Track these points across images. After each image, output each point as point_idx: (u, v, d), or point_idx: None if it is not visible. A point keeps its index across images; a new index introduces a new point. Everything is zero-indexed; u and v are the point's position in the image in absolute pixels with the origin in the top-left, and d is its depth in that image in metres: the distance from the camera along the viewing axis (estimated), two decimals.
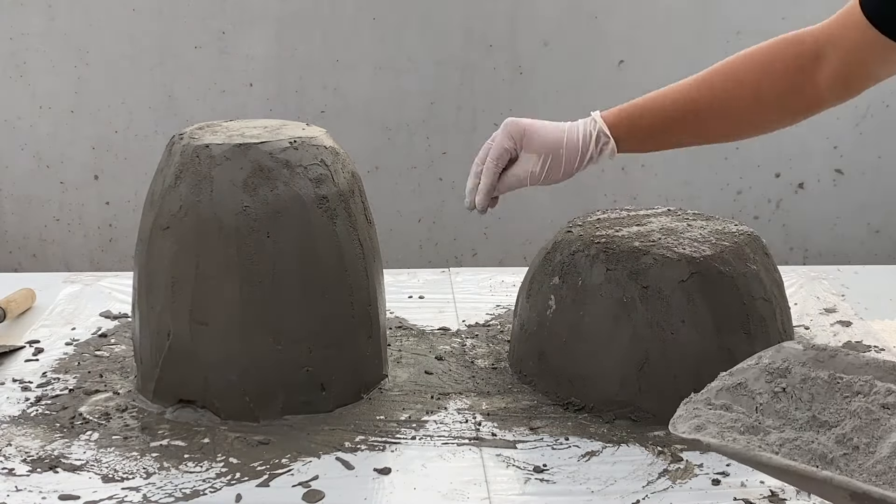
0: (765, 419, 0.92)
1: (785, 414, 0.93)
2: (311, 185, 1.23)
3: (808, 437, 0.89)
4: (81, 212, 2.91)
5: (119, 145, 2.86)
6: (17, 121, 2.84)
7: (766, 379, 0.94)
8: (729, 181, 3.00)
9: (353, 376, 1.29)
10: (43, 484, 1.10)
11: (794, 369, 0.95)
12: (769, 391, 0.94)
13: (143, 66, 2.80)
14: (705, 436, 0.89)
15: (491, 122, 2.86)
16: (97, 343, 1.46)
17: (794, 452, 0.87)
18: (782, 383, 0.94)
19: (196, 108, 2.81)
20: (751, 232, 1.34)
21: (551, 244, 1.36)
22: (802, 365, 0.95)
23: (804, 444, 0.89)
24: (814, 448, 0.88)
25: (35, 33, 2.77)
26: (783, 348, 0.98)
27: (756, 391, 0.94)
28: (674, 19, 2.85)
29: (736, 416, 0.92)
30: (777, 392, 0.94)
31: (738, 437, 0.90)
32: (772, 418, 0.92)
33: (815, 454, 0.87)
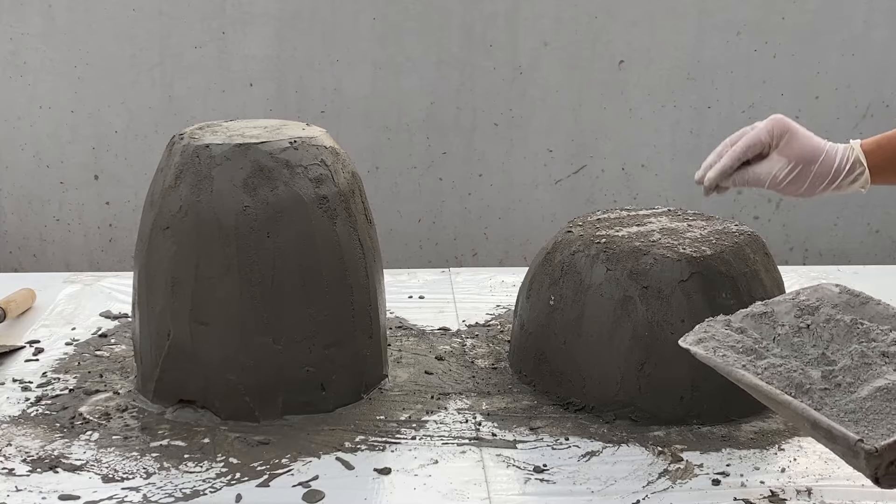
0: (774, 347, 0.95)
1: (799, 347, 0.96)
2: (311, 185, 1.23)
3: (794, 367, 0.92)
4: (81, 212, 2.91)
5: (119, 145, 2.86)
6: (17, 121, 2.84)
7: (796, 314, 0.98)
8: None
9: (353, 376, 1.29)
10: (43, 484, 1.10)
11: (822, 309, 0.98)
12: (794, 325, 0.97)
13: (143, 66, 2.80)
14: (700, 348, 0.95)
15: (491, 122, 2.87)
16: (97, 343, 1.46)
17: (773, 377, 0.90)
18: (808, 320, 0.98)
19: (196, 108, 2.81)
20: (751, 232, 1.34)
21: (551, 244, 1.36)
22: (833, 307, 0.98)
23: (786, 372, 0.92)
24: (794, 377, 0.90)
25: (35, 33, 2.77)
26: (821, 288, 1.02)
27: (780, 322, 0.98)
28: (674, 19, 2.85)
29: (743, 338, 0.95)
30: (801, 327, 0.97)
31: (729, 354, 0.93)
32: (783, 348, 0.95)
33: (792, 382, 0.90)
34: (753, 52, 2.88)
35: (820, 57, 2.89)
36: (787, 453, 1.17)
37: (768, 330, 0.99)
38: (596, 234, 1.31)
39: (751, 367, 0.93)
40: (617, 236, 1.30)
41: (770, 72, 2.90)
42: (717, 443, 1.19)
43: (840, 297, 1.01)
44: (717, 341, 0.96)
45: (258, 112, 2.80)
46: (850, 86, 2.93)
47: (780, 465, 1.14)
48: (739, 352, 0.95)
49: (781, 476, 1.12)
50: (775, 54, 2.87)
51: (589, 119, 2.88)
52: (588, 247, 1.29)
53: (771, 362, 0.93)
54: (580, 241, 1.31)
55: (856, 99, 2.93)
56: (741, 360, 0.94)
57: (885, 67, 2.92)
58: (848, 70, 2.91)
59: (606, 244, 1.28)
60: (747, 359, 0.94)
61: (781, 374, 0.92)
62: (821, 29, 2.86)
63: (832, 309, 0.99)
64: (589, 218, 1.40)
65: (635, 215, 1.40)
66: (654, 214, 1.41)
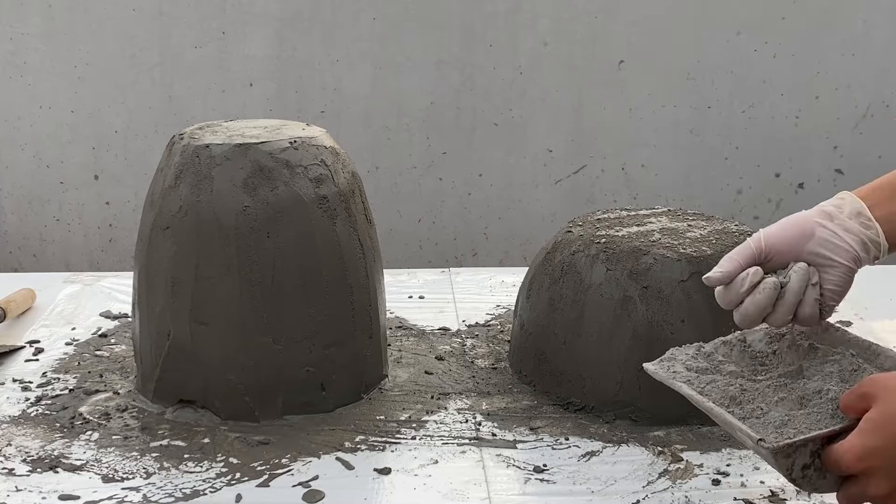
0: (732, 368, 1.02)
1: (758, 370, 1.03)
2: (311, 185, 1.23)
3: (736, 383, 0.99)
4: (81, 212, 2.91)
5: (119, 145, 2.86)
6: (17, 121, 2.84)
7: (767, 341, 1.05)
8: (729, 181, 3.00)
9: (353, 376, 1.29)
10: (43, 484, 1.10)
11: (788, 335, 1.05)
12: (763, 350, 1.04)
13: (143, 66, 2.80)
14: (654, 365, 1.02)
15: (491, 122, 2.87)
16: (97, 343, 1.46)
17: (712, 390, 0.97)
18: (775, 346, 1.04)
19: (196, 108, 2.81)
20: (751, 232, 1.34)
21: (551, 244, 1.36)
22: (798, 334, 1.05)
23: (724, 386, 0.98)
24: (729, 390, 0.97)
25: (35, 33, 2.77)
26: None
27: (754, 349, 1.05)
28: (674, 19, 2.84)
29: (703, 362, 1.03)
30: (768, 353, 1.04)
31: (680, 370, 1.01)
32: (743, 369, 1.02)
33: (727, 394, 0.97)
34: (753, 52, 2.88)
35: (820, 57, 2.89)
36: None
37: (738, 355, 1.05)
38: (596, 234, 1.31)
39: (695, 383, 0.99)
40: (617, 236, 1.30)
41: (770, 72, 2.90)
42: (717, 443, 1.19)
43: None
44: (676, 362, 1.02)
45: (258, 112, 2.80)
46: (850, 86, 2.93)
47: None
48: (695, 371, 1.01)
49: (781, 476, 1.12)
50: (775, 54, 2.87)
51: (589, 119, 2.88)
52: (588, 247, 1.29)
53: (713, 378, 0.99)
54: (580, 241, 1.31)
55: (856, 99, 2.93)
56: (687, 376, 1.00)
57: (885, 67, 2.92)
58: (848, 70, 2.91)
59: (606, 244, 1.28)
60: (693, 375, 1.00)
61: (719, 388, 0.98)
62: (821, 29, 2.85)
63: (797, 335, 1.05)
64: (589, 218, 1.40)
65: (635, 215, 1.40)
66: (654, 214, 1.41)
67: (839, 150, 2.99)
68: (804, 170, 3.05)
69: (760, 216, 3.02)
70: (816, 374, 0.99)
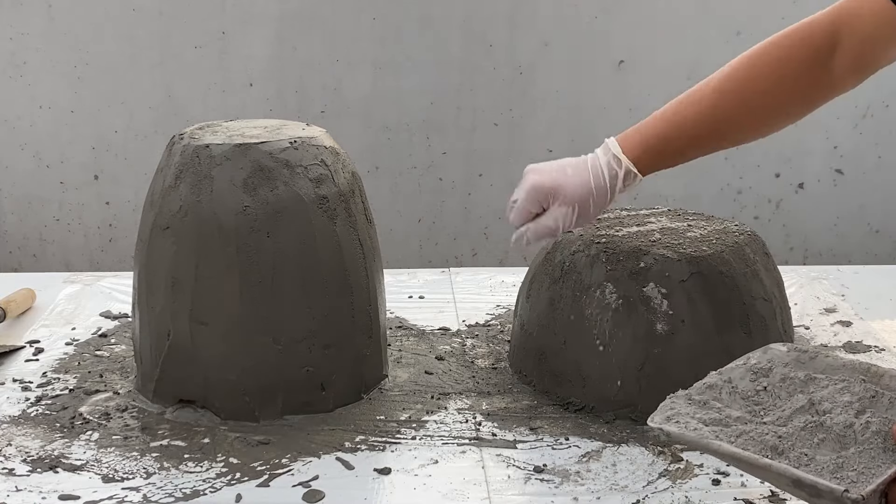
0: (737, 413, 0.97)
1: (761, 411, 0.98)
2: (311, 185, 1.23)
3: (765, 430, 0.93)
4: (81, 212, 2.91)
5: (119, 145, 2.86)
6: (17, 121, 2.84)
7: (751, 378, 1.00)
8: (729, 181, 3.00)
9: (353, 376, 1.29)
10: (43, 484, 1.10)
11: (776, 369, 1.01)
12: (752, 388, 0.99)
13: (143, 66, 2.80)
14: (672, 426, 0.95)
15: (491, 122, 2.87)
16: (97, 343, 1.46)
17: (748, 443, 0.92)
18: (764, 382, 0.99)
19: (196, 108, 2.81)
20: (751, 232, 1.34)
21: (551, 244, 1.36)
22: (785, 366, 1.01)
23: (758, 436, 0.93)
24: (767, 440, 0.92)
25: (35, 33, 2.77)
26: (769, 349, 1.04)
27: (739, 389, 1.00)
28: (674, 19, 2.84)
29: (707, 410, 0.98)
30: (758, 390, 0.99)
31: (700, 427, 0.95)
32: (746, 413, 0.97)
33: (766, 444, 0.91)
34: None
35: None
36: None
37: (728, 398, 1.01)
38: (596, 234, 1.31)
39: (724, 437, 0.94)
40: (617, 236, 1.30)
41: None
42: None
43: (789, 354, 1.03)
44: (685, 416, 0.98)
45: (258, 112, 2.80)
46: None
47: None
48: (708, 423, 0.97)
49: None
50: None
51: (589, 119, 2.88)
52: (588, 247, 1.29)
53: (741, 429, 0.95)
54: (580, 241, 1.31)
55: (856, 99, 2.93)
56: (714, 431, 0.96)
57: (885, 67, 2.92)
58: None
59: (606, 244, 1.28)
60: (718, 429, 0.96)
61: (755, 439, 0.94)
62: None
63: (784, 368, 1.02)
64: None
65: (635, 215, 1.40)
66: (654, 214, 1.41)
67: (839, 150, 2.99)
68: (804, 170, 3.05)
69: (760, 216, 3.02)
70: (833, 406, 0.95)
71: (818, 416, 0.94)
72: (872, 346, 1.46)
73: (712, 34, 2.85)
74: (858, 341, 1.48)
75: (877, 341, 1.48)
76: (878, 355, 1.43)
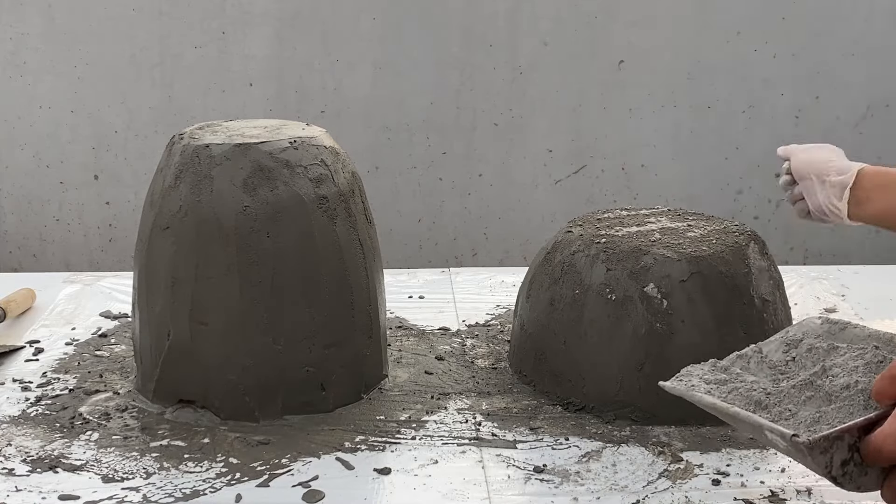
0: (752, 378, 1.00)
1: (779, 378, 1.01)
2: (311, 185, 1.23)
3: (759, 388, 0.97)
4: (81, 212, 2.92)
5: (119, 145, 2.86)
6: (17, 121, 2.84)
7: (783, 350, 1.03)
8: (729, 181, 3.00)
9: (353, 376, 1.29)
10: (43, 484, 1.10)
11: (805, 340, 1.03)
12: (781, 359, 1.02)
13: (143, 66, 2.80)
14: (671, 382, 1.00)
15: (491, 122, 2.87)
16: (97, 343, 1.47)
17: (735, 398, 0.95)
18: (793, 353, 1.02)
19: (196, 108, 2.81)
20: (751, 232, 1.34)
21: (551, 244, 1.36)
22: (816, 337, 1.03)
23: (746, 392, 0.96)
24: (753, 395, 0.95)
25: (35, 33, 2.77)
26: (805, 322, 1.07)
27: (769, 359, 1.04)
28: (674, 19, 2.85)
29: (720, 373, 1.01)
30: (787, 360, 1.02)
31: (698, 383, 0.99)
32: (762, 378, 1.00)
33: (751, 399, 0.94)
34: (753, 52, 2.88)
35: (820, 57, 2.89)
36: None
37: (755, 367, 1.04)
38: (596, 234, 1.31)
39: (715, 393, 0.97)
40: (617, 236, 1.30)
41: (770, 72, 2.90)
42: (717, 443, 1.19)
43: (822, 327, 1.05)
44: (692, 377, 1.02)
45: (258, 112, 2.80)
46: (850, 86, 2.93)
47: (780, 465, 1.14)
48: (709, 383, 1.00)
49: (781, 476, 1.12)
50: (775, 54, 2.87)
51: (589, 119, 2.88)
52: (588, 247, 1.29)
53: (736, 386, 0.98)
54: (580, 241, 1.31)
55: (856, 99, 2.94)
56: (708, 388, 0.99)
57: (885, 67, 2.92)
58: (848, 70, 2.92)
59: (606, 244, 1.28)
60: (713, 386, 0.99)
61: (742, 395, 0.96)
62: (821, 29, 2.86)
63: (814, 339, 1.03)
64: (589, 218, 1.40)
65: (635, 215, 1.40)
66: (654, 214, 1.41)
67: None
68: None
69: (760, 216, 3.02)
70: (841, 371, 0.95)
71: (822, 379, 0.95)
72: None
73: (712, 34, 2.86)
74: None
75: None
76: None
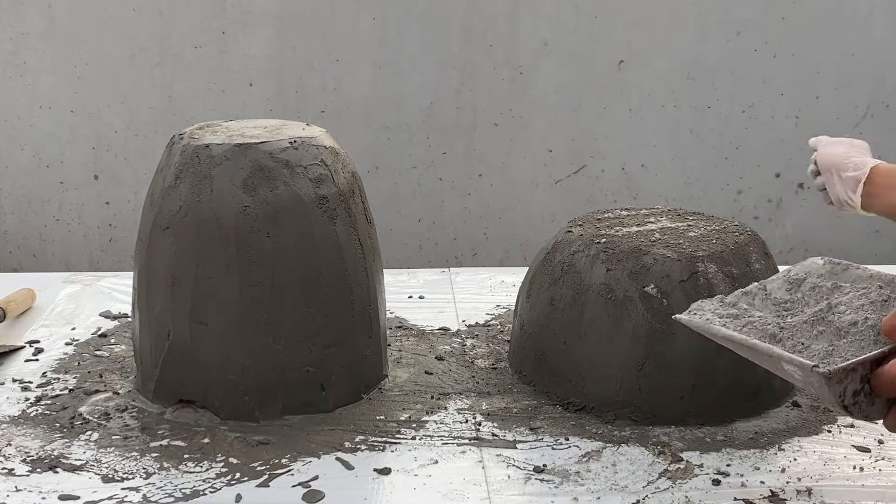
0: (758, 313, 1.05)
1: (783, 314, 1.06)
2: (311, 185, 1.23)
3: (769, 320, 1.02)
4: (81, 212, 2.92)
5: (119, 145, 2.86)
6: (17, 121, 2.84)
7: (787, 288, 1.08)
8: (729, 181, 3.00)
9: (353, 376, 1.29)
10: (43, 484, 1.10)
11: (809, 279, 1.08)
12: (784, 297, 1.08)
13: (143, 66, 2.80)
14: (685, 315, 1.06)
15: (491, 122, 2.87)
16: (97, 343, 1.47)
17: (750, 332, 1.00)
18: (796, 292, 1.08)
19: (196, 108, 2.82)
20: (751, 232, 1.34)
21: (551, 244, 1.36)
22: (818, 276, 1.08)
23: (761, 326, 1.00)
24: (768, 329, 0.99)
25: (35, 33, 2.77)
26: (808, 262, 1.13)
27: (773, 296, 1.09)
28: (674, 19, 2.85)
29: (730, 308, 1.06)
30: (788, 299, 1.07)
31: (712, 317, 1.04)
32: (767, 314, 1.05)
33: (766, 333, 0.99)
34: (753, 52, 2.88)
35: (820, 57, 2.89)
36: (787, 453, 1.17)
37: (760, 303, 1.08)
38: (596, 234, 1.31)
39: (730, 325, 1.02)
40: (617, 236, 1.30)
41: (770, 72, 2.90)
42: (717, 443, 1.19)
43: (824, 267, 1.11)
44: (705, 311, 1.06)
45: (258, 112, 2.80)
46: (850, 86, 2.93)
47: (780, 465, 1.14)
48: (723, 316, 1.05)
49: (781, 476, 1.12)
50: (775, 54, 2.88)
51: (589, 119, 2.88)
52: (588, 247, 1.29)
53: (750, 321, 1.02)
54: (580, 241, 1.31)
55: (856, 99, 2.94)
56: (722, 321, 1.04)
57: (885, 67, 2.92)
58: (848, 70, 2.92)
59: (606, 244, 1.28)
60: (727, 320, 1.04)
61: (757, 328, 1.00)
62: (821, 29, 2.86)
63: (817, 279, 1.09)
64: (589, 218, 1.40)
65: (635, 215, 1.40)
66: (654, 214, 1.41)
67: None
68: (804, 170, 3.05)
69: (760, 216, 3.02)
70: (847, 308, 1.00)
71: (831, 315, 0.99)
72: None
73: (712, 34, 2.86)
74: None
75: None
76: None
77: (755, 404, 1.26)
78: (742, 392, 1.24)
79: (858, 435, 1.21)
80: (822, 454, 1.16)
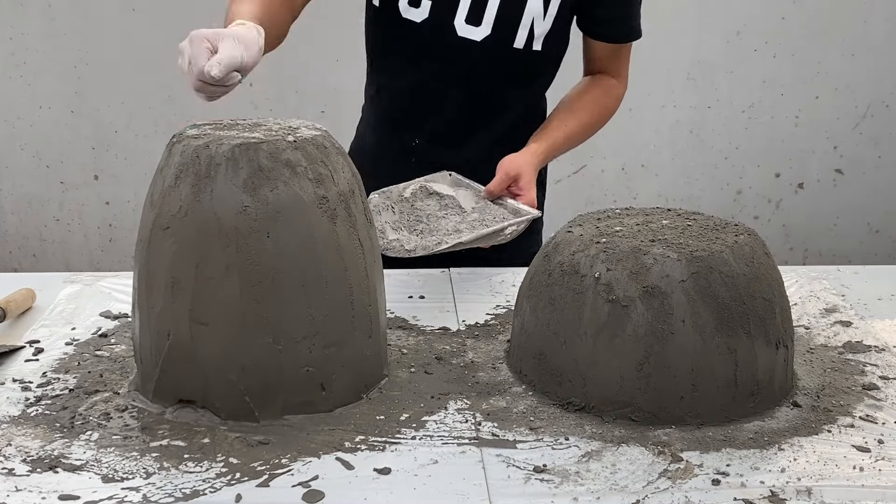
0: (438, 213, 1.68)
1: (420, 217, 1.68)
2: (311, 185, 1.23)
3: (450, 223, 1.68)
4: (81, 212, 2.92)
5: (119, 145, 2.86)
6: (17, 121, 2.84)
7: (420, 196, 1.73)
8: (729, 181, 3.00)
9: (353, 376, 1.29)
10: (43, 484, 1.10)
11: (436, 185, 1.74)
12: (412, 204, 1.69)
13: (143, 66, 2.80)
14: (408, 244, 1.63)
15: None
16: (97, 343, 1.47)
17: (464, 227, 1.65)
18: (423, 200, 1.71)
19: (196, 109, 2.81)
20: (751, 232, 1.34)
21: (551, 244, 1.36)
22: (447, 185, 1.74)
23: (466, 221, 1.65)
24: (463, 221, 1.63)
25: (35, 33, 2.77)
26: (438, 176, 1.78)
27: (403, 197, 1.71)
28: (674, 19, 2.85)
29: (395, 214, 1.68)
30: (442, 200, 1.69)
31: (407, 236, 1.62)
32: (446, 210, 1.69)
33: (477, 221, 1.64)
34: (753, 52, 2.88)
35: (820, 57, 2.89)
36: (787, 453, 1.17)
37: (404, 212, 1.66)
38: (596, 234, 1.31)
39: (435, 237, 1.61)
40: (617, 236, 1.30)
41: (770, 72, 2.90)
42: (717, 443, 1.19)
43: (445, 179, 1.75)
44: (387, 229, 1.63)
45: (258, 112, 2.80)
46: (849, 86, 2.93)
47: (780, 465, 1.14)
48: (412, 231, 1.60)
49: (781, 476, 1.12)
50: (775, 54, 2.88)
51: None
52: (588, 247, 1.29)
53: (434, 227, 1.62)
54: (580, 241, 1.31)
55: (856, 99, 2.94)
56: (436, 238, 1.59)
57: (885, 67, 2.93)
58: (848, 70, 2.92)
59: (606, 244, 1.28)
60: (421, 237, 1.59)
61: (470, 224, 1.65)
62: (821, 29, 2.86)
63: (448, 186, 1.72)
64: (589, 218, 1.40)
65: (635, 215, 1.40)
66: (654, 214, 1.41)
67: (839, 150, 2.99)
68: (804, 170, 3.05)
69: (760, 216, 3.02)
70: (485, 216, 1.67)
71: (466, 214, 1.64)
72: (872, 346, 1.46)
73: (712, 34, 2.86)
74: (858, 341, 1.48)
75: (877, 341, 1.48)
76: (878, 355, 1.43)
77: (755, 404, 1.26)
78: (742, 392, 1.24)
79: (858, 435, 1.21)
80: (822, 454, 1.16)
